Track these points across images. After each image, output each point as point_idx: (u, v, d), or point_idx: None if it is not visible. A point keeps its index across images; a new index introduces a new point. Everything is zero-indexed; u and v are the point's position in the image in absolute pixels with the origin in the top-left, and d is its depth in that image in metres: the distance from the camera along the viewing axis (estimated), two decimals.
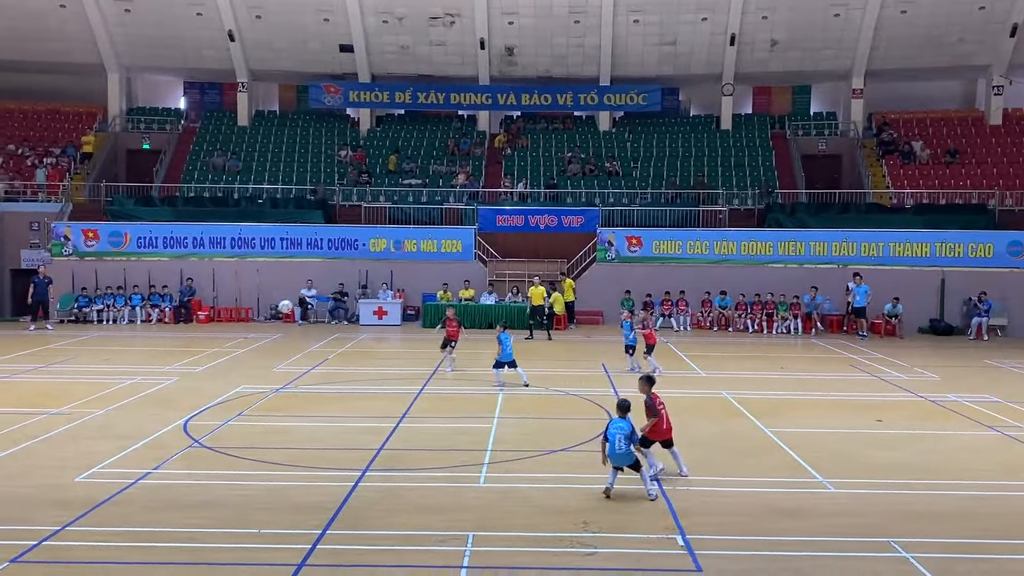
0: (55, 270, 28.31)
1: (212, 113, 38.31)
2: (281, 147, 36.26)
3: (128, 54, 36.09)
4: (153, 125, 37.35)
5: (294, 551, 8.34)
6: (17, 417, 13.96)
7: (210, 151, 35.53)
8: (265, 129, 37.38)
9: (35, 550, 8.32)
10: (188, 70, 37.85)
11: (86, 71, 36.32)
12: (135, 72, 37.93)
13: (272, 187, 33.47)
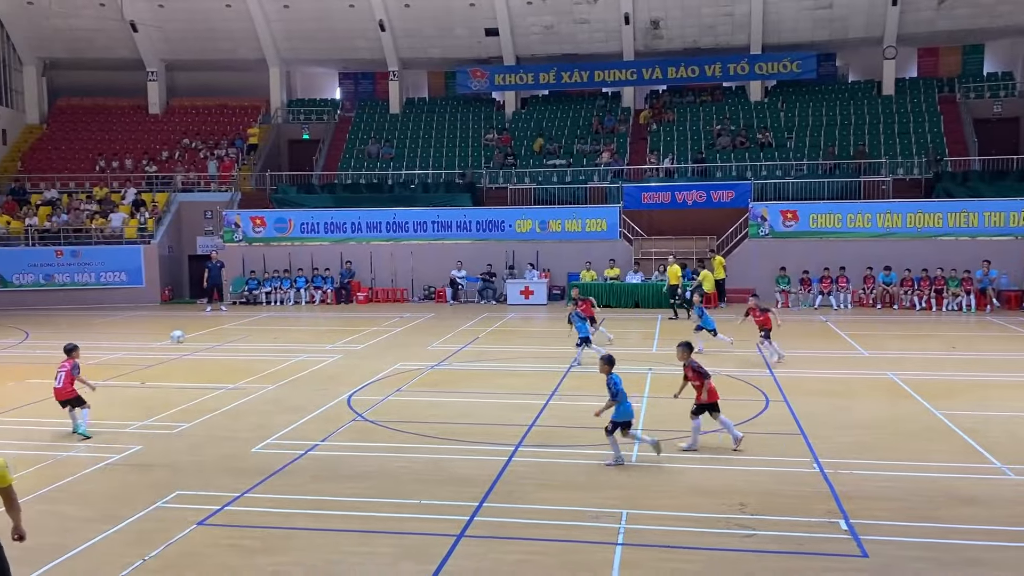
0: (227, 255, 30.34)
1: (366, 102, 39.76)
2: (431, 133, 37.20)
3: (287, 48, 37.97)
4: (312, 116, 39.19)
5: (453, 522, 8.63)
6: (197, 392, 15.11)
7: (365, 139, 36.92)
8: (415, 116, 38.44)
9: (218, 514, 9.00)
10: (342, 61, 39.41)
11: (250, 67, 38.52)
12: (294, 65, 39.88)
13: (423, 172, 34.44)
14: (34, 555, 7.94)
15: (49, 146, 36.73)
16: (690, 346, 11.60)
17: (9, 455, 11.33)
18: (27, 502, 9.43)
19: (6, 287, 29.85)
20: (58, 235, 30.92)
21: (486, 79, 36.87)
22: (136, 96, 38.85)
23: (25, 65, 37.63)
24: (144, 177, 34.37)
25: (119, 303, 29.59)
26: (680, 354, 11.44)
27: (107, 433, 12.34)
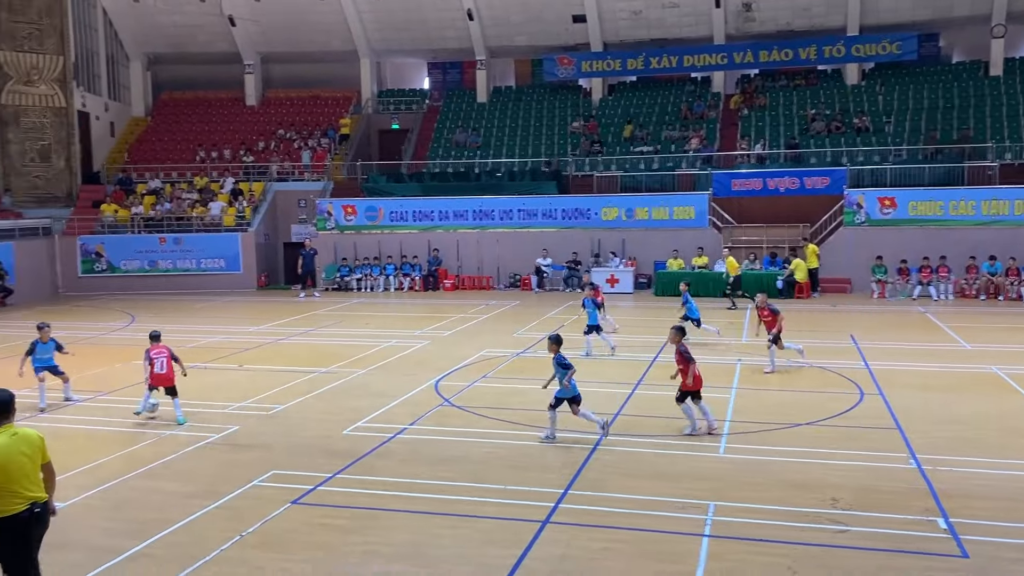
0: (320, 243, 31.14)
1: (453, 91, 40.10)
2: (517, 121, 37.27)
3: (378, 40, 38.58)
4: (401, 106, 39.76)
5: (538, 508, 8.69)
6: (291, 375, 15.60)
7: (452, 128, 37.28)
8: (502, 104, 38.57)
9: (311, 494, 9.30)
10: (431, 51, 39.82)
11: (342, 58, 39.31)
12: (384, 56, 40.51)
13: (509, 161, 34.55)
14: (140, 528, 8.38)
15: (153, 138, 38.35)
16: (682, 330, 11.94)
17: (114, 432, 12.00)
18: (132, 477, 9.98)
19: (114, 272, 31.38)
20: (161, 223, 32.29)
21: (573, 66, 36.68)
22: (234, 88, 40.16)
23: (131, 60, 39.34)
24: (241, 167, 35.54)
25: (218, 289, 30.74)
26: (672, 336, 11.75)
27: (206, 413, 12.88)
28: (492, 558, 7.57)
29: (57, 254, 31.25)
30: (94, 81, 36.81)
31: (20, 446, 6.22)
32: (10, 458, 6.12)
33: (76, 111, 34.17)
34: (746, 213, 29.23)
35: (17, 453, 6.17)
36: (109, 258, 31.41)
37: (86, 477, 9.96)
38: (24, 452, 6.22)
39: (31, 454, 6.26)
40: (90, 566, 7.48)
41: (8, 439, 6.20)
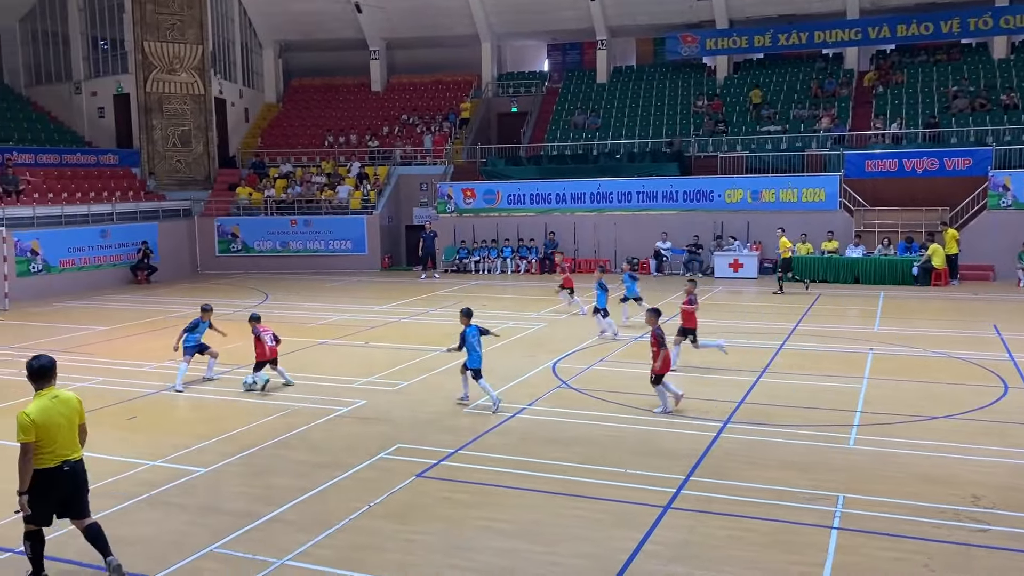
0: (440, 225, 31.72)
1: (573, 73, 39.89)
2: (638, 101, 36.74)
3: (498, 23, 38.76)
4: (520, 88, 39.88)
5: (659, 493, 8.61)
6: (413, 353, 15.99)
7: (571, 110, 37.11)
8: (622, 85, 38.09)
9: (435, 468, 9.52)
10: (551, 33, 39.71)
11: (463, 42, 39.73)
12: (504, 39, 40.69)
13: (629, 142, 34.11)
14: (277, 494, 8.79)
15: (284, 123, 39.91)
16: (658, 312, 12.08)
17: (250, 404, 12.61)
18: (267, 447, 10.46)
19: (249, 252, 32.92)
20: (292, 206, 33.61)
21: (697, 44, 35.82)
22: (360, 74, 41.26)
23: (264, 48, 40.98)
24: (367, 151, 36.54)
25: (344, 269, 31.78)
26: (648, 319, 11.95)
27: (335, 387, 13.37)
28: (612, 540, 7.55)
29: (196, 234, 33.04)
30: (230, 69, 38.58)
31: (59, 408, 6.76)
32: (49, 419, 6.66)
33: (213, 98, 35.91)
34: (880, 196, 27.87)
35: (56, 415, 6.71)
36: (244, 239, 32.97)
37: (226, 444, 10.52)
38: (62, 414, 6.76)
39: (68, 415, 6.81)
40: (230, 529, 7.91)
41: (49, 402, 6.73)
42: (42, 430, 6.63)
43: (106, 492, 8.94)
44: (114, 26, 34.97)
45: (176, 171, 34.96)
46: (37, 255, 26.50)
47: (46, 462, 6.68)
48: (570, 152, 34.11)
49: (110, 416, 12.10)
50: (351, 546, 7.51)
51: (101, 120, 35.71)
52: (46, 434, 6.64)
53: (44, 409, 6.69)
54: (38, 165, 30.44)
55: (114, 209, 29.91)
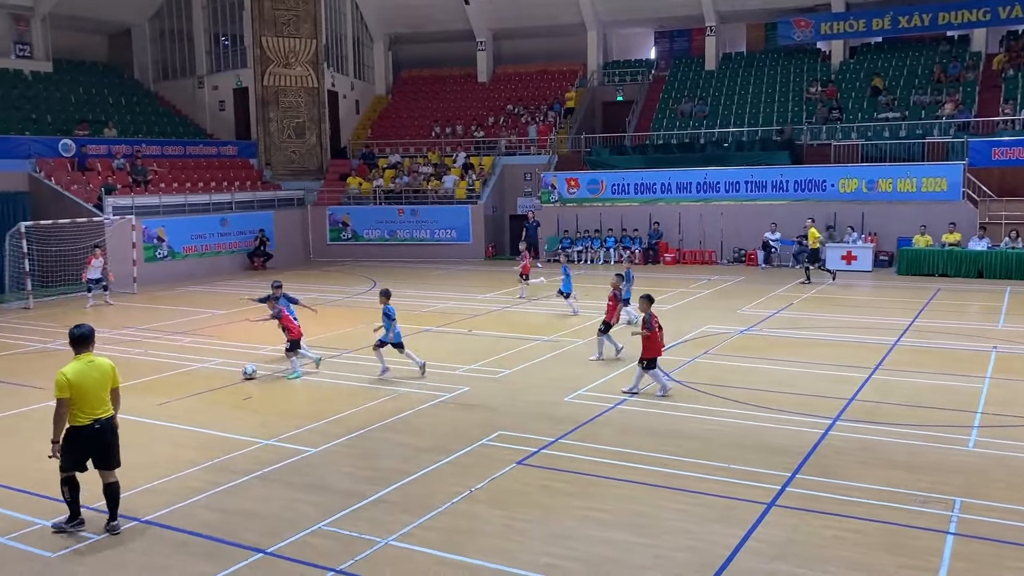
0: (543, 215, 31.80)
1: (680, 60, 39.20)
2: (747, 89, 35.81)
3: (605, 11, 38.42)
4: (626, 77, 39.47)
5: (763, 490, 8.43)
6: (517, 342, 16.13)
7: (678, 98, 36.49)
8: (731, 72, 37.19)
9: (535, 456, 9.60)
10: (658, 20, 39.10)
11: (569, 31, 39.59)
12: (611, 27, 40.32)
13: (738, 130, 33.32)
14: (382, 476, 9.06)
15: (393, 114, 40.77)
16: (651, 299, 12.46)
17: (357, 387, 13.00)
18: (374, 430, 10.78)
19: (358, 240, 33.86)
20: (400, 195, 34.36)
21: (811, 28, 34.58)
22: (466, 66, 41.70)
23: (375, 42, 41.93)
24: (472, 142, 36.94)
25: (449, 258, 32.29)
26: (642, 305, 12.46)
27: (439, 374, 13.64)
28: (714, 535, 7.45)
29: (309, 223, 34.20)
30: (342, 62, 39.65)
31: (92, 372, 7.61)
32: (82, 381, 7.51)
33: (326, 91, 37.02)
34: (1008, 185, 26.30)
35: (89, 378, 7.56)
36: (354, 227, 33.92)
37: (335, 426, 10.90)
38: (95, 377, 7.60)
39: (101, 379, 7.66)
40: (338, 507, 8.21)
41: (84, 365, 7.60)
42: (76, 389, 7.47)
43: (223, 467, 9.42)
44: (234, 22, 36.45)
45: (291, 162, 36.24)
46: (163, 242, 28.02)
47: (80, 419, 7.55)
48: (676, 141, 33.56)
49: (226, 396, 12.71)
50: (453, 529, 7.67)
51: (222, 113, 37.34)
52: (79, 393, 7.49)
53: (79, 371, 7.55)
54: (164, 156, 32.12)
55: (233, 198, 31.28)
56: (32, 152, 27.49)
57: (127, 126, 33.19)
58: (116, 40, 38.92)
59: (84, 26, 36.35)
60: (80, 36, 36.67)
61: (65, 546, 7.47)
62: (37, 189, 26.87)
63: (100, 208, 26.27)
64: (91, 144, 29.88)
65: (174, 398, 12.57)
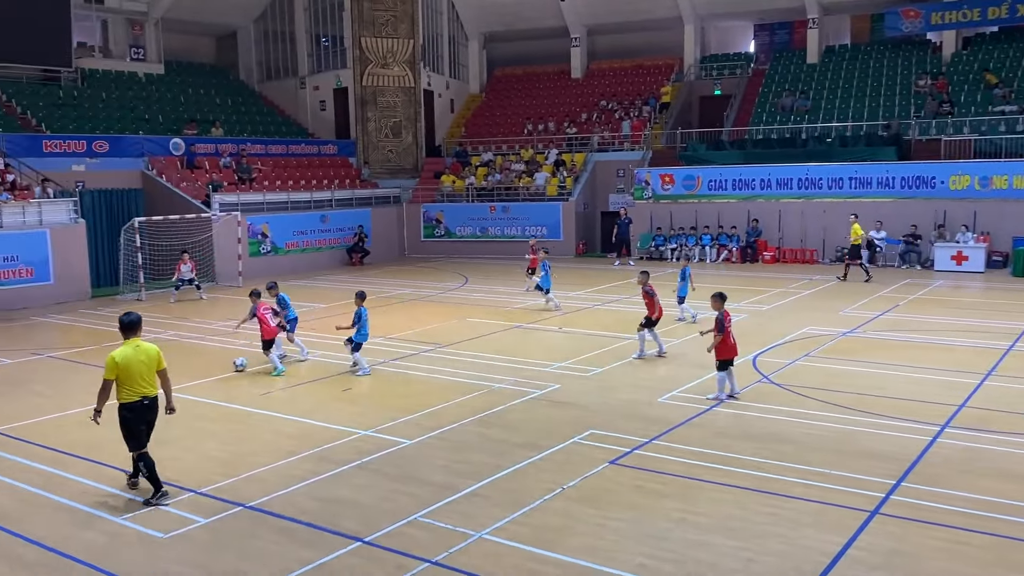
0: (635, 212, 31.48)
1: (781, 53, 38.15)
2: (852, 82, 34.58)
3: (703, 4, 37.73)
4: (724, 71, 38.69)
5: (865, 497, 8.16)
6: (606, 340, 16.04)
7: (778, 92, 35.55)
8: (835, 65, 35.99)
9: (628, 456, 9.54)
10: (759, 12, 38.16)
11: (665, 26, 39.05)
12: (708, 20, 39.58)
13: (841, 125, 32.22)
14: (476, 469, 9.17)
15: (486, 112, 41.09)
16: (723, 295, 12.03)
17: (450, 382, 13.17)
18: (467, 424, 10.91)
19: (451, 237, 34.30)
20: (491, 192, 34.61)
21: (920, 19, 33.14)
22: (560, 63, 41.65)
23: (470, 40, 42.33)
24: (565, 138, 36.89)
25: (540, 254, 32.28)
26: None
27: (531, 370, 13.70)
28: (813, 542, 7.25)
29: (404, 220, 34.83)
30: (438, 61, 40.19)
31: (139, 356, 8.41)
32: (129, 363, 8.32)
33: (422, 90, 37.60)
34: None
35: (136, 361, 8.36)
36: (447, 224, 34.37)
37: (429, 419, 11.09)
38: (141, 360, 8.40)
39: (147, 362, 8.45)
40: (433, 500, 8.35)
41: (131, 350, 8.40)
42: (123, 370, 8.30)
43: (324, 456, 9.70)
44: (335, 24, 37.40)
45: (387, 160, 36.97)
46: (266, 237, 29.03)
47: (128, 397, 8.37)
48: (776, 136, 32.71)
49: (328, 387, 13.09)
50: (545, 526, 7.70)
51: (322, 113, 38.38)
52: (126, 373, 8.31)
53: (126, 355, 8.36)
54: (268, 155, 33.25)
55: (333, 196, 32.13)
56: (145, 151, 28.89)
57: (233, 125, 34.49)
58: (223, 42, 40.49)
59: (193, 29, 37.95)
60: (189, 39, 38.31)
61: (175, 528, 7.83)
62: (150, 186, 28.22)
63: (207, 205, 27.39)
64: (199, 143, 31.20)
65: (276, 388, 13.01)
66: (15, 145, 25.67)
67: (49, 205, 23.42)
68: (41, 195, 23.75)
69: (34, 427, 11.25)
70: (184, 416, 11.57)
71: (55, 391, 13.17)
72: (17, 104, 29.17)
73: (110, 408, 8.53)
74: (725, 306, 11.96)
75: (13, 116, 28.45)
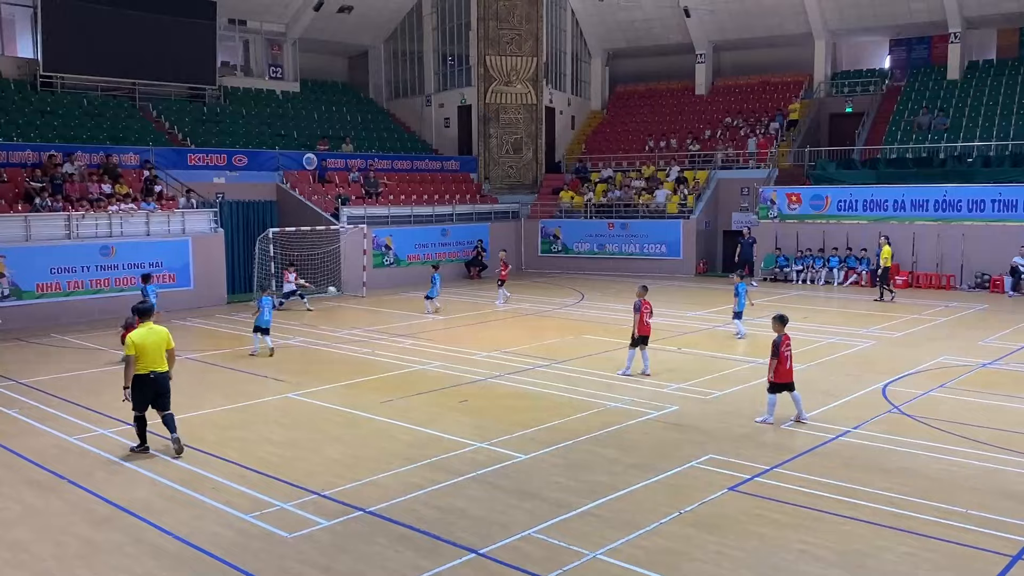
0: (759, 231, 30.66)
1: (918, 70, 36.45)
2: (996, 99, 32.67)
3: (835, 19, 36.54)
4: (856, 88, 37.29)
5: (1008, 541, 7.64)
6: (726, 363, 15.65)
7: (915, 109, 33.96)
8: (978, 81, 34.10)
9: (749, 483, 9.26)
10: (895, 27, 36.61)
11: (794, 41, 38.00)
12: (840, 36, 38.27)
13: (984, 144, 30.46)
14: (590, 488, 9.12)
15: (608, 129, 41.00)
16: (784, 318, 11.71)
17: (567, 398, 13.13)
18: (582, 441, 10.86)
19: (568, 253, 34.33)
20: (611, 209, 34.48)
21: None
22: (684, 79, 41.17)
23: (593, 57, 42.43)
24: (687, 156, 36.38)
25: (659, 273, 31.89)
26: (774, 327, 11.64)
27: (648, 390, 13.52)
28: None
29: (522, 235, 35.12)
30: (560, 79, 40.45)
31: (152, 336, 10.26)
32: (144, 342, 10.15)
33: (544, 107, 37.90)
34: None
35: (149, 341, 10.19)
36: (564, 240, 34.45)
37: (545, 434, 11.10)
38: (154, 340, 10.22)
39: (158, 341, 10.26)
40: (547, 516, 8.34)
41: (146, 331, 10.30)
42: (139, 348, 10.12)
43: (440, 466, 9.86)
44: (461, 43, 38.23)
45: (508, 176, 37.42)
46: (390, 249, 29.88)
47: (140, 370, 10.14)
48: (912, 155, 31.25)
49: (446, 398, 13.31)
50: (661, 550, 7.56)
51: (446, 129, 39.27)
52: (142, 351, 10.12)
53: (142, 335, 10.22)
54: (394, 171, 34.24)
55: (454, 211, 32.77)
56: (280, 165, 30.28)
57: (362, 142, 35.72)
58: (355, 61, 42.07)
59: (328, 49, 39.60)
60: (324, 58, 39.99)
61: (299, 528, 8.12)
62: (283, 198, 29.55)
63: (336, 217, 28.44)
64: (330, 158, 32.45)
65: (397, 397, 13.33)
66: (163, 158, 27.41)
67: (192, 215, 24.87)
68: (185, 205, 25.25)
69: None
70: (310, 419, 12.04)
71: (190, 391, 13.93)
72: (166, 120, 31.16)
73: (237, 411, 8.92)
74: (786, 329, 11.67)
75: (162, 131, 30.40)
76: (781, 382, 11.50)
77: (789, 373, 11.55)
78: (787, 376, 11.53)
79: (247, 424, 11.89)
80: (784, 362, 11.46)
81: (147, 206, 24.12)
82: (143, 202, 24.36)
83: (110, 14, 29.25)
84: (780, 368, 11.45)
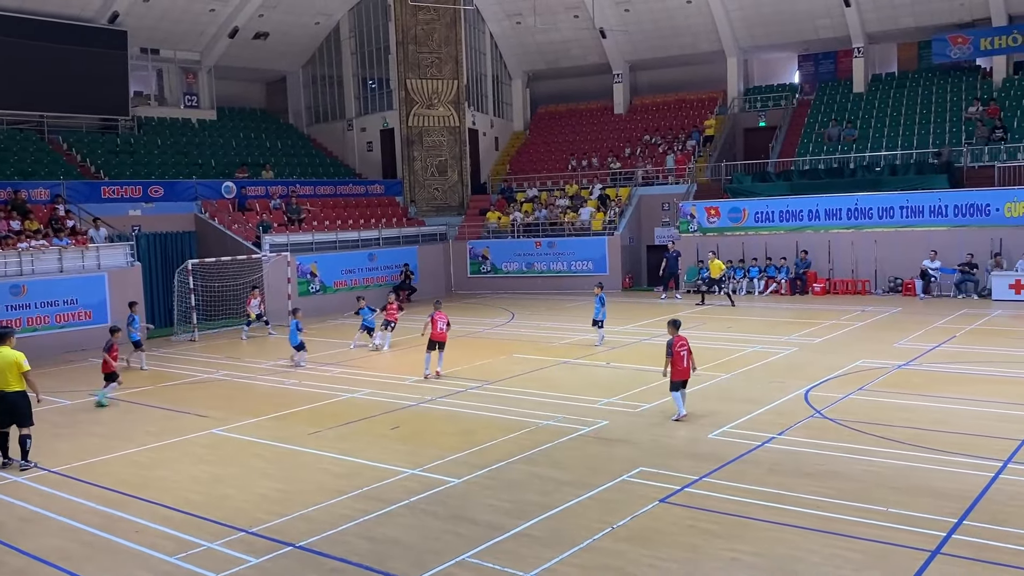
0: (682, 245, 31.27)
1: (826, 83, 37.88)
2: (900, 110, 34.16)
3: (745, 37, 37.74)
4: (768, 102, 38.52)
5: (925, 536, 7.90)
6: (654, 375, 15.77)
7: (825, 122, 35.24)
8: (882, 93, 35.61)
9: (678, 494, 9.38)
10: (803, 43, 38.01)
11: (707, 59, 39.10)
12: (751, 53, 39.52)
13: (890, 153, 31.77)
14: (523, 509, 9.09)
15: (531, 150, 41.40)
16: (677, 322, 12.80)
17: (498, 419, 13.12)
18: (514, 462, 10.83)
19: (496, 273, 34.43)
20: (537, 228, 34.74)
21: (969, 45, 32.70)
22: (603, 99, 41.89)
23: (513, 79, 42.85)
24: (608, 173, 36.95)
25: (586, 289, 32.09)
26: (668, 330, 12.67)
27: (578, 407, 13.60)
28: None
29: (451, 257, 35.09)
30: (482, 101, 40.71)
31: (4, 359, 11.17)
32: None
33: (467, 129, 38.05)
34: None
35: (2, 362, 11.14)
36: (493, 260, 34.54)
37: (477, 457, 11.05)
38: (6, 362, 11.13)
39: (7, 364, 11.12)
40: (481, 540, 8.29)
41: None
42: None
43: (372, 496, 9.72)
44: (381, 66, 38.17)
45: (433, 198, 37.38)
46: (315, 276, 29.46)
47: None
48: (823, 166, 32.38)
49: (376, 425, 13.14)
50: (595, 566, 7.58)
51: (369, 153, 39.06)
52: None
53: None
54: (316, 196, 33.88)
55: (380, 235, 32.54)
56: (198, 194, 29.65)
57: (283, 168, 35.25)
58: (273, 87, 41.59)
59: (244, 75, 39.07)
60: (241, 85, 39.44)
61: (226, 568, 7.88)
62: (202, 229, 28.90)
63: (258, 245, 27.93)
64: (250, 186, 31.93)
65: (326, 427, 13.10)
66: (75, 192, 26.55)
67: (107, 249, 24.11)
68: (97, 236, 24.46)
69: (90, 467, 11.47)
70: (237, 455, 11.73)
71: (110, 431, 13.44)
72: (77, 152, 30.22)
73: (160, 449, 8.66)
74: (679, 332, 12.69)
75: (73, 164, 29.46)
76: (679, 379, 12.48)
77: (686, 372, 12.52)
78: (684, 374, 12.51)
79: (171, 463, 11.52)
80: (679, 361, 12.38)
81: (59, 242, 23.29)
82: (55, 238, 23.52)
83: (14, 45, 28.31)
84: (677, 367, 12.42)
